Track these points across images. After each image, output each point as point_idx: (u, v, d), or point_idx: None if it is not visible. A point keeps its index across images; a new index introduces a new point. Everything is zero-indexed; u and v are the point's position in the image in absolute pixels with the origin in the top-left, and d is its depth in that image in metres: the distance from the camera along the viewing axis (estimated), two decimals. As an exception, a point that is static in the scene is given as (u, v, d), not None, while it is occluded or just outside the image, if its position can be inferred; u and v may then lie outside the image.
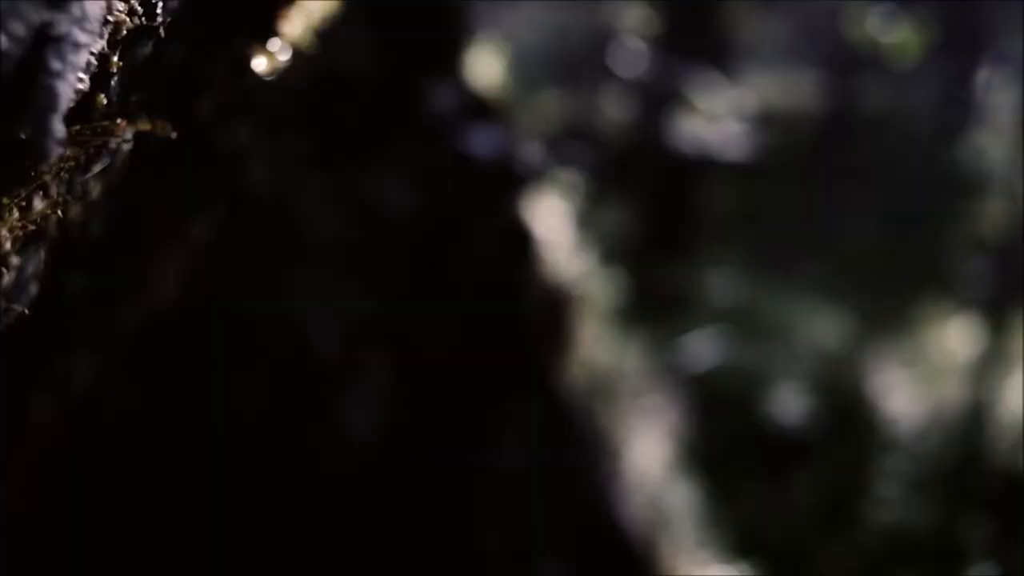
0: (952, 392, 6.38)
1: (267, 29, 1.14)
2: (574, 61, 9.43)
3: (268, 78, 1.20)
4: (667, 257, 7.59)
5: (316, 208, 2.94)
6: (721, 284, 7.47)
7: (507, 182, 3.35)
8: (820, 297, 7.77)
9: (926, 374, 6.78)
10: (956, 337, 7.09)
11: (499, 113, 3.47)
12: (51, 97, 0.71)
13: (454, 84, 3.30)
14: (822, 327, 7.26)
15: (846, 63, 9.76)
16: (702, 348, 6.21)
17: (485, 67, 3.48)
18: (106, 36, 0.82)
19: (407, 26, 3.18)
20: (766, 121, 8.32)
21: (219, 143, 1.45)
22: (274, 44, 1.17)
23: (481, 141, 3.30)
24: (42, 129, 0.71)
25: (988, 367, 6.34)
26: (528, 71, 7.85)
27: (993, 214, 8.10)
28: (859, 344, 7.03)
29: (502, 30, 6.84)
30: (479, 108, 3.39)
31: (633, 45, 7.85)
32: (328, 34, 1.40)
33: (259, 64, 1.18)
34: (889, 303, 7.85)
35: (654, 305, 6.31)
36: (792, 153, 9.61)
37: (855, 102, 10.44)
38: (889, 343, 7.18)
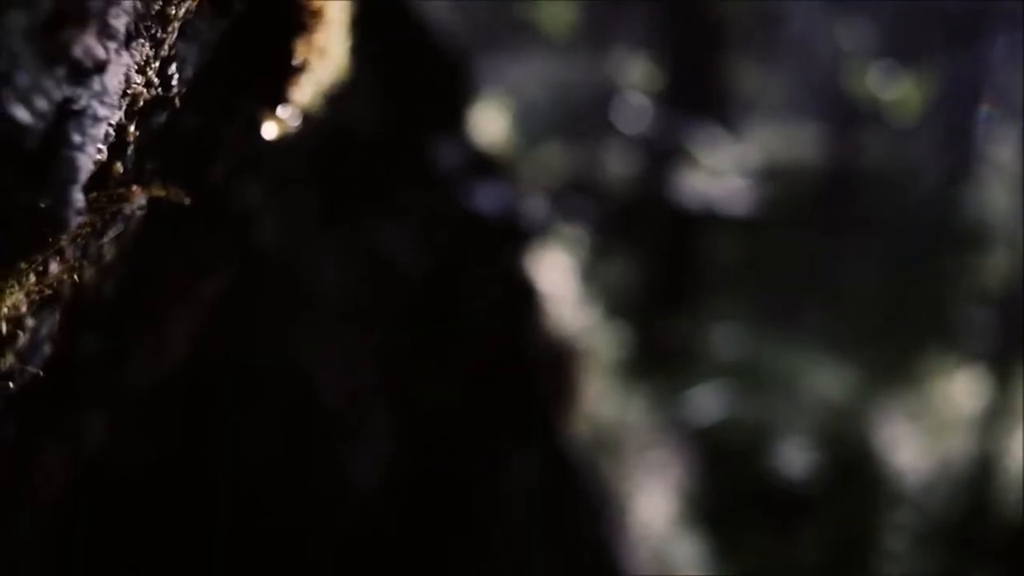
0: (958, 445, 6.35)
1: (278, 96, 1.17)
2: (578, 115, 9.52)
3: (278, 142, 1.23)
4: (671, 310, 7.60)
5: (323, 262, 2.97)
6: (725, 337, 7.47)
7: (511, 237, 3.38)
8: (824, 349, 7.77)
9: (932, 427, 6.76)
10: (961, 389, 7.08)
11: (503, 168, 3.51)
12: (72, 169, 0.74)
13: (459, 140, 3.35)
14: (826, 379, 7.24)
15: (847, 116, 9.84)
16: (706, 401, 6.21)
17: (490, 122, 3.52)
18: (124, 107, 0.85)
19: (413, 83, 3.23)
20: (769, 174, 8.37)
21: (230, 204, 1.48)
22: (284, 110, 1.20)
23: (486, 196, 3.34)
24: (63, 200, 0.74)
25: (994, 420, 6.32)
26: (532, 125, 7.92)
27: (996, 265, 8.12)
28: (864, 396, 7.01)
29: (507, 85, 6.92)
30: (484, 164, 3.42)
31: (636, 100, 7.93)
32: (336, 95, 1.43)
33: (270, 129, 1.21)
34: (893, 355, 7.85)
35: (658, 358, 6.32)
36: (795, 206, 9.66)
37: (857, 154, 10.51)
38: (894, 395, 7.16)
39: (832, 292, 9.08)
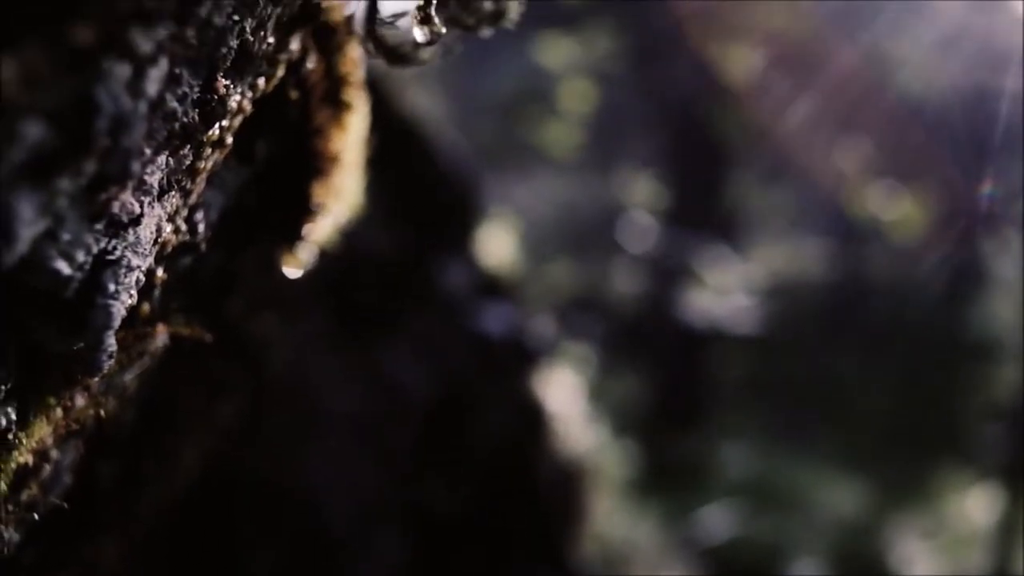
0: (973, 562, 6.27)
1: (295, 234, 1.23)
2: (584, 234, 9.65)
3: (295, 277, 1.29)
4: (679, 428, 7.59)
5: (332, 384, 3.01)
6: (734, 454, 7.44)
7: (519, 358, 3.42)
8: (835, 466, 7.71)
9: (946, 544, 6.68)
10: (975, 505, 7.00)
11: (510, 289, 3.57)
12: (106, 316, 0.79)
13: (466, 262, 3.42)
14: (838, 497, 7.18)
15: (851, 232, 9.96)
16: (716, 520, 6.15)
17: (497, 243, 3.60)
18: (154, 254, 0.91)
19: (421, 207, 3.32)
20: (774, 291, 8.44)
21: (246, 333, 1.53)
22: (301, 247, 1.26)
23: (493, 317, 3.39)
24: (97, 345, 0.79)
25: (1008, 536, 6.25)
26: (539, 244, 8.04)
27: (1005, 379, 8.11)
28: (877, 514, 6.94)
29: (514, 205, 7.05)
30: (491, 285, 3.49)
31: (642, 219, 8.05)
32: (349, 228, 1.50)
33: (287, 265, 1.27)
34: (906, 471, 7.79)
35: (667, 476, 6.29)
36: (802, 322, 9.70)
37: (862, 269, 10.60)
38: (907, 512, 7.09)
39: (842, 408, 9.06)
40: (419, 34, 0.80)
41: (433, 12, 0.79)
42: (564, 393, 3.60)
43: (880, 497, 7.19)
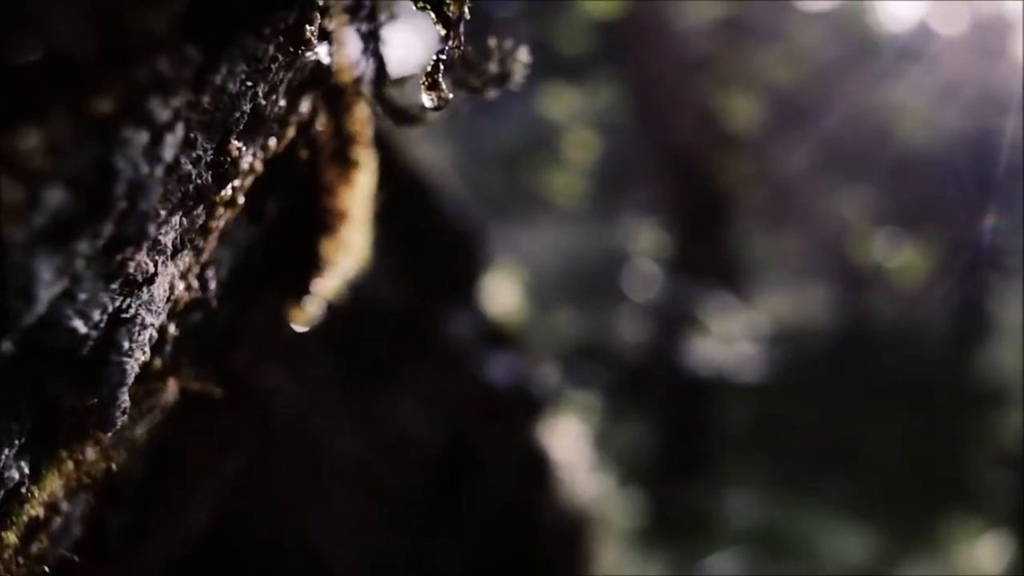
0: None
1: (303, 289, 1.26)
2: (588, 282, 9.68)
3: (303, 330, 1.31)
4: (685, 477, 7.56)
5: (339, 434, 3.01)
6: (740, 503, 7.41)
7: (523, 406, 3.43)
8: (843, 514, 7.67)
9: (955, 593, 6.63)
10: (985, 554, 6.96)
11: (515, 338, 3.58)
12: (121, 374, 0.81)
13: (471, 311, 3.44)
14: (846, 545, 7.14)
15: (856, 279, 9.97)
16: (723, 569, 6.12)
17: (501, 292, 3.62)
18: (166, 311, 0.93)
19: (427, 257, 3.34)
20: (779, 339, 8.45)
21: (254, 385, 1.55)
22: (309, 301, 1.28)
23: (498, 366, 3.40)
24: (112, 401, 0.81)
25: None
26: (544, 292, 8.06)
27: (1013, 426, 8.09)
28: (885, 562, 6.89)
29: (518, 253, 7.08)
30: (495, 334, 3.50)
31: (646, 267, 8.08)
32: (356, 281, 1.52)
33: (295, 319, 1.29)
34: (914, 519, 7.74)
35: (673, 525, 6.26)
36: (807, 369, 9.69)
37: (867, 316, 10.61)
38: (916, 561, 7.04)
39: (848, 455, 9.03)
40: (427, 100, 0.82)
41: (440, 79, 0.81)
42: (569, 441, 3.61)
43: (887, 545, 7.15)
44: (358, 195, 1.19)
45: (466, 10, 0.80)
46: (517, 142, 8.18)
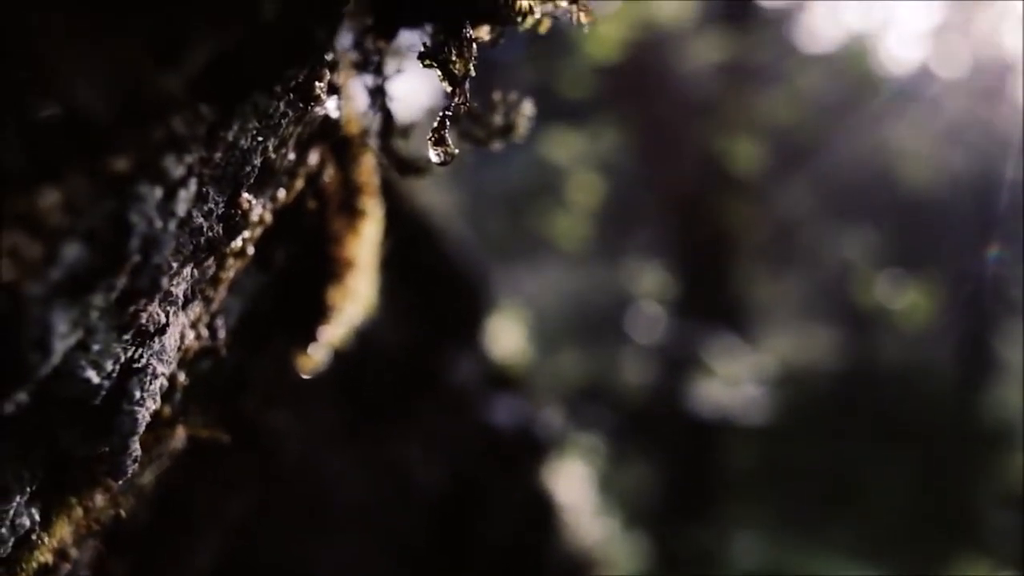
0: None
1: (310, 335, 1.27)
2: (593, 325, 9.68)
3: (309, 376, 1.32)
4: (690, 519, 7.52)
5: (344, 478, 3.02)
6: (746, 545, 7.36)
7: (528, 449, 3.43)
8: (849, 555, 7.62)
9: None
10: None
11: (519, 380, 3.59)
12: (132, 422, 0.82)
13: (476, 354, 3.44)
14: (853, 588, 7.09)
15: (860, 320, 9.97)
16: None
17: (506, 334, 3.62)
18: (177, 360, 0.94)
19: (430, 299, 3.36)
20: (784, 381, 8.43)
21: (260, 429, 1.56)
22: (315, 348, 1.29)
23: (502, 409, 3.41)
24: (123, 450, 0.82)
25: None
26: (548, 335, 8.07)
27: (1020, 466, 8.05)
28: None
29: (523, 295, 7.10)
30: (500, 377, 3.51)
31: (650, 309, 8.09)
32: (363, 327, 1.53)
33: (302, 365, 1.30)
34: (921, 561, 7.69)
35: (679, 567, 6.22)
36: (812, 410, 9.67)
37: (872, 358, 10.59)
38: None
39: (855, 496, 8.98)
40: (433, 156, 0.84)
41: (446, 134, 0.83)
42: (573, 484, 3.60)
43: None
44: (365, 244, 1.21)
45: (471, 68, 0.82)
46: (521, 185, 8.23)
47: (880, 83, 7.41)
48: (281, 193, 0.99)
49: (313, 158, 1.04)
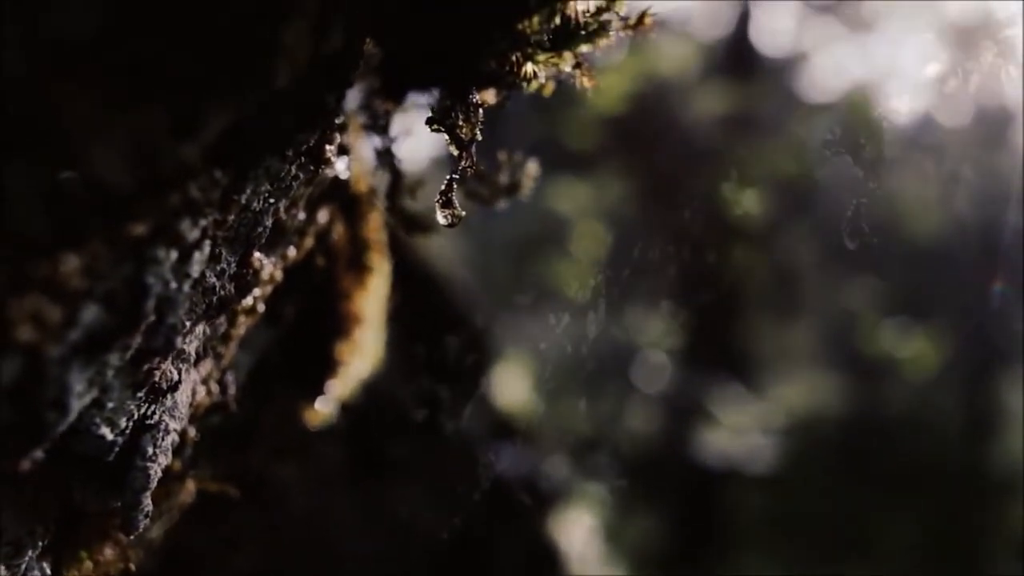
0: None
1: (317, 389, 1.29)
2: (598, 374, 9.66)
3: (317, 429, 1.34)
4: (697, 569, 7.46)
5: (349, 527, 3.01)
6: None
7: (533, 499, 3.42)
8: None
9: None
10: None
11: (524, 430, 3.59)
12: (144, 478, 0.84)
13: (481, 403, 3.45)
14: (862, 640, 7.02)
15: (867, 369, 9.95)
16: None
17: (510, 383, 3.63)
18: (188, 416, 0.96)
19: (436, 348, 3.37)
20: (791, 429, 8.40)
21: (267, 482, 1.57)
22: (323, 401, 1.31)
23: (507, 459, 3.41)
24: (136, 505, 0.84)
25: None
26: (553, 383, 8.04)
27: (1024, 516, 8.00)
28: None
29: (527, 343, 7.09)
30: (505, 426, 3.51)
31: (655, 358, 8.08)
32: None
33: (309, 418, 1.32)
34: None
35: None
36: (819, 459, 9.62)
37: (879, 406, 10.55)
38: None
39: (863, 546, 8.92)
40: (441, 218, 0.86)
41: (454, 197, 0.85)
42: (579, 534, 3.59)
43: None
44: (372, 298, 1.23)
45: (478, 132, 0.84)
46: (527, 235, 8.26)
47: (883, 131, 7.45)
48: (291, 251, 1.01)
49: (323, 216, 1.06)
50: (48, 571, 0.93)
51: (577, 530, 3.58)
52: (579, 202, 7.26)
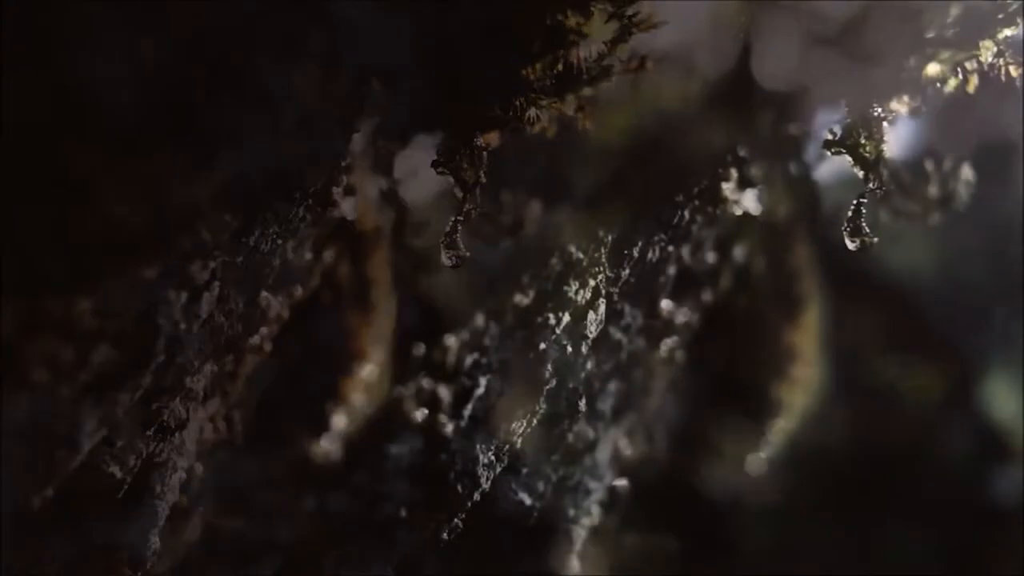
0: None
1: (323, 428, 1.29)
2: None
3: (323, 478, 1.34)
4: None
5: (353, 566, 3.00)
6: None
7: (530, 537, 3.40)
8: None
9: None
10: None
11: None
12: (152, 515, 0.85)
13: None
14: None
15: (871, 400, 9.91)
16: None
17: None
18: (195, 453, 0.97)
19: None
20: (794, 461, 8.37)
21: (273, 526, 1.57)
22: (329, 440, 1.31)
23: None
24: (143, 543, 0.84)
25: None
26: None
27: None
28: None
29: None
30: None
31: (657, 387, 8.07)
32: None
33: (315, 457, 1.32)
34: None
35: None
36: (824, 491, 9.58)
37: (883, 437, 10.51)
38: None
39: (869, 578, 8.83)
40: (446, 259, 0.87)
41: (458, 239, 0.86)
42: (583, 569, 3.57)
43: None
44: (378, 336, 1.24)
45: (482, 176, 0.85)
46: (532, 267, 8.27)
47: (884, 164, 7.48)
48: (298, 290, 1.02)
49: (329, 255, 1.07)
50: (56, 607, 0.94)
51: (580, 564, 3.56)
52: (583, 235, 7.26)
